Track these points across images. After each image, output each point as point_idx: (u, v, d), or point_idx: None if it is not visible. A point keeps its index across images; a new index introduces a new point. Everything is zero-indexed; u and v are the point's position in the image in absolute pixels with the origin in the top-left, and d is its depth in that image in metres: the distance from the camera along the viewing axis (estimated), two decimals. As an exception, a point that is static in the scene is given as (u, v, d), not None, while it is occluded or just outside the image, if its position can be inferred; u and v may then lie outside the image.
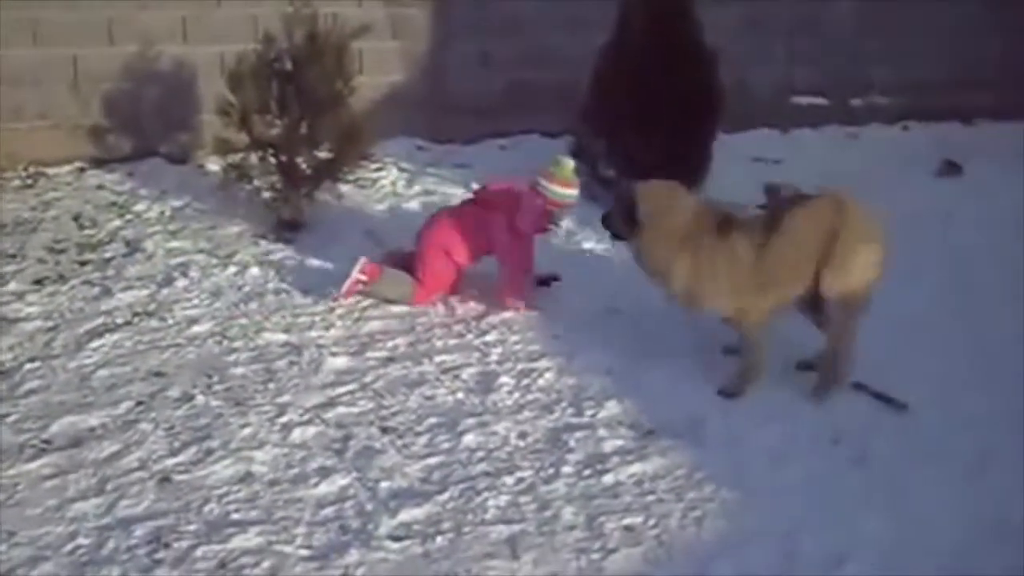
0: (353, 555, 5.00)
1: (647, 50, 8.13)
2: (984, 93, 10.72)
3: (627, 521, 5.32)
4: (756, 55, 9.95)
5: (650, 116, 8.10)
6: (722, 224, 6.30)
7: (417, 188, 8.75)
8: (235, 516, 5.21)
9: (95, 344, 6.56)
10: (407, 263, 7.16)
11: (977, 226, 8.57)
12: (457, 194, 8.55)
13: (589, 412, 6.13)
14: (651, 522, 5.32)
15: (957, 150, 9.99)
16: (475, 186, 7.61)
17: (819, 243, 6.16)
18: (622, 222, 6.43)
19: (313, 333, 6.77)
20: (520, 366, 6.54)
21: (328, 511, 5.27)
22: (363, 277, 7.02)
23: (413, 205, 8.51)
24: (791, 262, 6.21)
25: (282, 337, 6.72)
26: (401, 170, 8.95)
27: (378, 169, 8.78)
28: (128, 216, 8.18)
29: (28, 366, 6.32)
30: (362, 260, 7.06)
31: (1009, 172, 9.48)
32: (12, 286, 7.12)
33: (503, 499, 5.41)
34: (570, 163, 7.14)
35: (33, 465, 5.48)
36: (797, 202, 6.39)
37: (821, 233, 6.16)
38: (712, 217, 6.35)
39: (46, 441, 5.68)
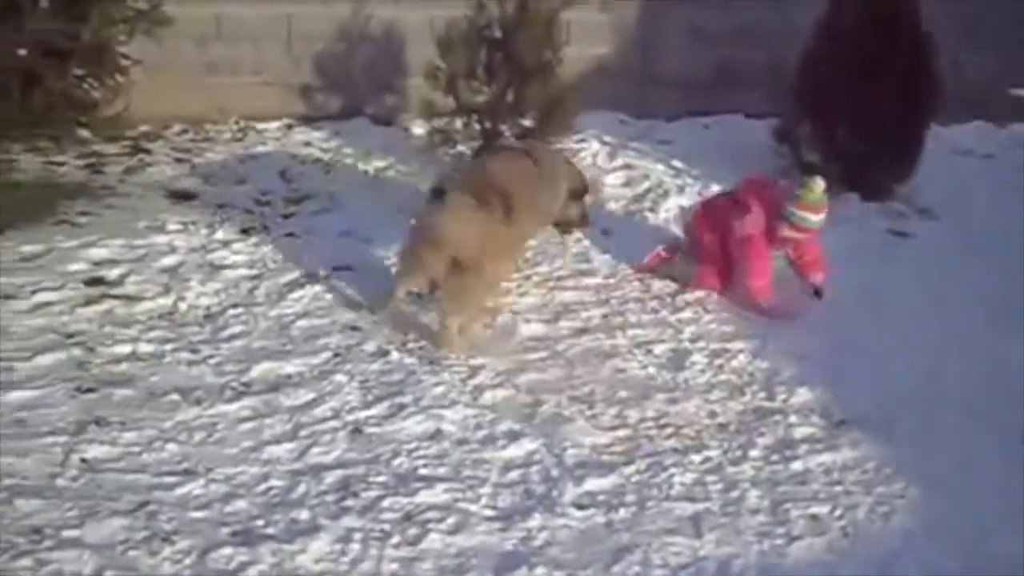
0: (536, 519, 5.03)
1: (861, 30, 7.93)
2: None
3: (813, 510, 5.25)
4: (973, 44, 9.60)
5: (859, 102, 7.90)
6: None
7: (619, 162, 8.70)
8: (423, 471, 5.29)
9: (296, 295, 6.71)
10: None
11: None
12: (658, 170, 8.52)
13: (781, 397, 6.06)
14: (837, 512, 5.25)
15: None
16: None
17: None
18: None
19: (508, 299, 6.81)
20: (713, 345, 6.49)
21: (514, 474, 5.32)
22: (664, 255, 7.12)
23: (613, 178, 8.47)
24: None
25: (477, 300, 6.78)
26: (603, 143, 8.91)
27: (580, 140, 8.76)
28: (332, 173, 8.34)
29: (231, 312, 6.50)
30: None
31: None
32: (220, 234, 7.32)
33: (689, 476, 5.39)
34: (820, 185, 6.77)
35: (232, 407, 5.65)
36: None
37: None
38: None
39: (245, 384, 5.85)
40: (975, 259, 7.61)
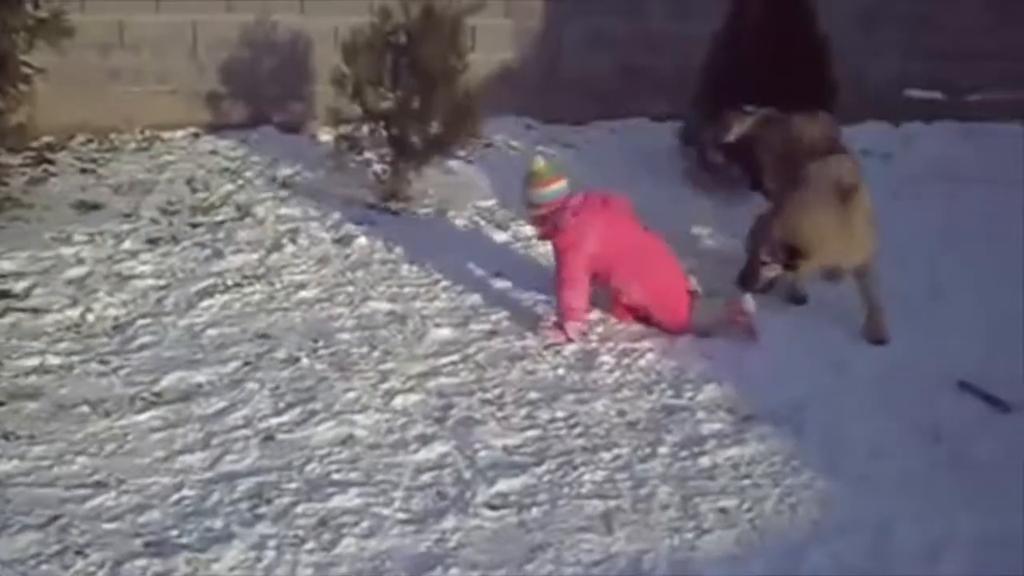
0: (450, 521, 5.07)
1: (760, 37, 8.07)
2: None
3: (722, 504, 5.33)
4: (871, 46, 9.81)
5: (761, 103, 8.02)
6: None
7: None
8: (336, 477, 5.31)
9: (205, 304, 6.71)
10: None
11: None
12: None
13: (688, 394, 6.15)
14: (746, 506, 5.33)
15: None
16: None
17: None
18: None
19: (418, 304, 6.86)
20: (621, 345, 6.57)
21: (426, 477, 5.36)
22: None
23: (519, 183, 8.51)
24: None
25: (387, 306, 6.81)
26: (511, 147, 8.99)
27: (487, 146, 8.82)
28: (240, 181, 8.31)
29: (140, 322, 6.49)
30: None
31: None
32: (127, 244, 7.29)
33: (599, 474, 5.46)
34: (538, 161, 6.92)
35: (143, 417, 5.64)
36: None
37: None
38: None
39: (156, 394, 5.84)
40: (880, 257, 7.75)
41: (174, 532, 4.90)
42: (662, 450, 5.67)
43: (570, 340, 6.56)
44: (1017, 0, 10.22)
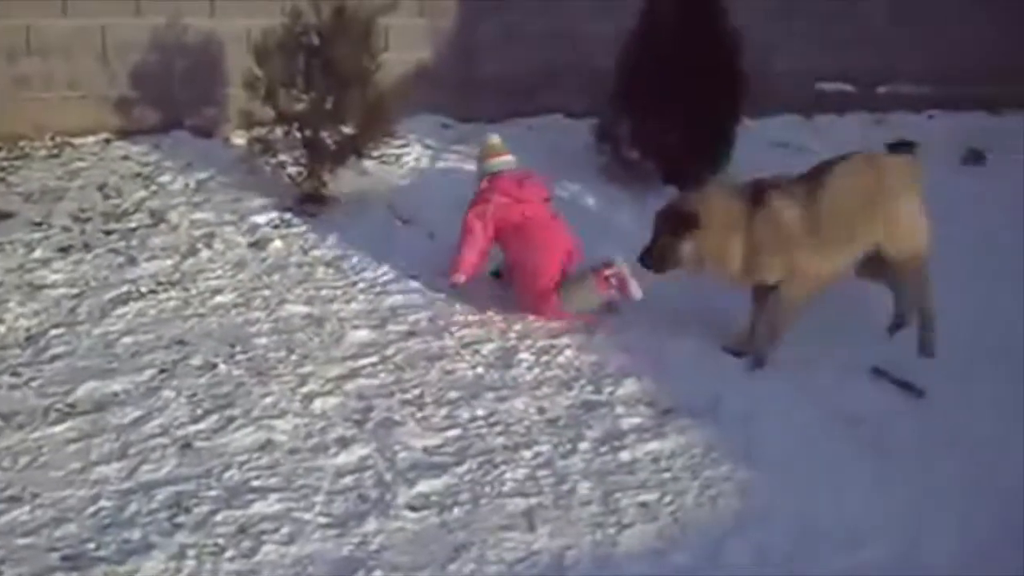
0: (371, 524, 5.06)
1: (673, 33, 8.14)
2: (1010, 83, 10.65)
3: (642, 497, 5.37)
4: (784, 41, 9.91)
5: (673, 100, 8.10)
6: (757, 195, 6.46)
7: (441, 165, 8.77)
8: (255, 483, 5.27)
9: (119, 312, 6.62)
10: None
11: (1000, 214, 8.55)
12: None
13: (608, 390, 6.18)
14: (666, 499, 5.37)
15: (982, 139, 9.95)
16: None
17: (863, 199, 6.45)
18: (671, 236, 6.52)
19: (335, 306, 6.83)
20: (540, 342, 6.59)
21: (347, 480, 5.34)
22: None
23: (436, 182, 8.54)
24: (840, 220, 6.41)
25: (304, 309, 6.78)
26: (425, 147, 8.97)
27: (402, 146, 8.80)
28: (153, 187, 8.21)
29: (53, 332, 6.39)
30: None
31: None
32: (38, 253, 7.18)
33: (520, 472, 5.47)
34: (492, 137, 7.32)
35: (57, 429, 5.56)
36: (832, 163, 6.64)
37: (862, 189, 6.47)
38: (746, 194, 6.52)
39: (70, 405, 5.76)
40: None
41: (91, 545, 4.84)
42: (582, 446, 5.69)
43: (453, 285, 6.90)
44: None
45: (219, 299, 6.83)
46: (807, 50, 10.12)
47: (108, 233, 7.54)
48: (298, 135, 7.89)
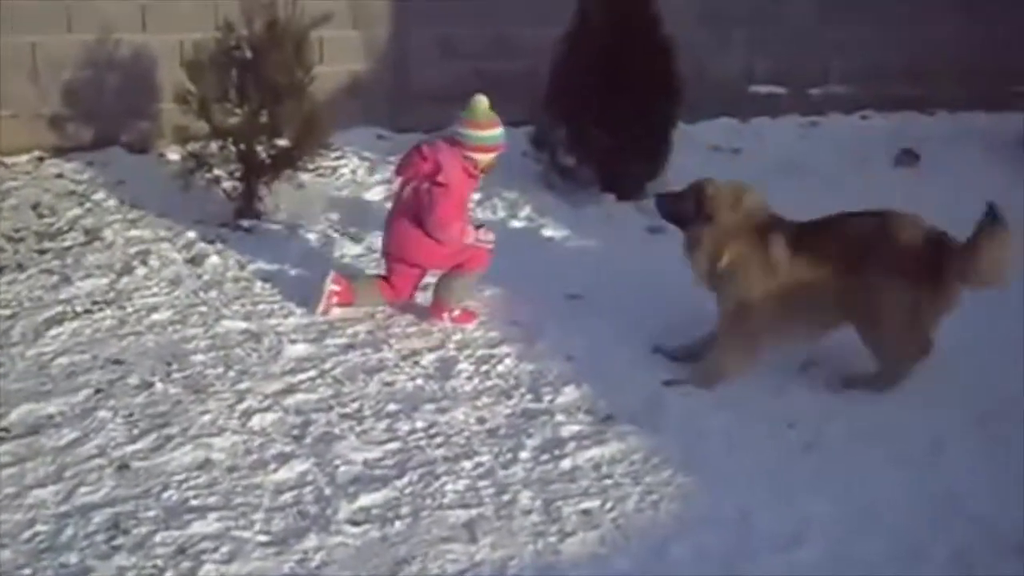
0: (312, 540, 5.02)
1: (605, 39, 8.18)
2: (942, 83, 10.79)
3: (584, 505, 5.36)
4: (716, 44, 10.01)
5: (608, 105, 8.14)
6: (769, 228, 6.40)
7: (377, 177, 8.76)
8: (194, 502, 5.22)
9: (54, 332, 6.55)
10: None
11: (933, 215, 8.62)
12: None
13: (547, 398, 6.18)
14: (608, 506, 5.36)
15: (915, 140, 10.06)
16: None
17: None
18: (689, 210, 6.45)
19: (272, 320, 6.79)
20: (479, 352, 6.58)
21: (287, 496, 5.29)
22: (335, 288, 6.87)
23: (374, 194, 8.53)
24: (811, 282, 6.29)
25: (241, 325, 6.73)
26: (362, 159, 8.96)
27: (339, 158, 8.79)
28: (87, 205, 8.15)
29: (-14, 354, 6.33)
30: (331, 274, 6.92)
31: (966, 162, 9.57)
32: (-30, 275, 7.11)
33: (461, 484, 5.45)
34: (483, 101, 6.83)
35: (-9, 453, 5.49)
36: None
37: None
38: (767, 220, 6.46)
39: (4, 429, 5.67)
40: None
41: (27, 571, 4.76)
42: (523, 455, 5.68)
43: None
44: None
45: (155, 317, 6.77)
46: (740, 54, 10.21)
47: (42, 252, 7.48)
48: (233, 149, 7.85)
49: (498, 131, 6.87)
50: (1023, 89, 10.81)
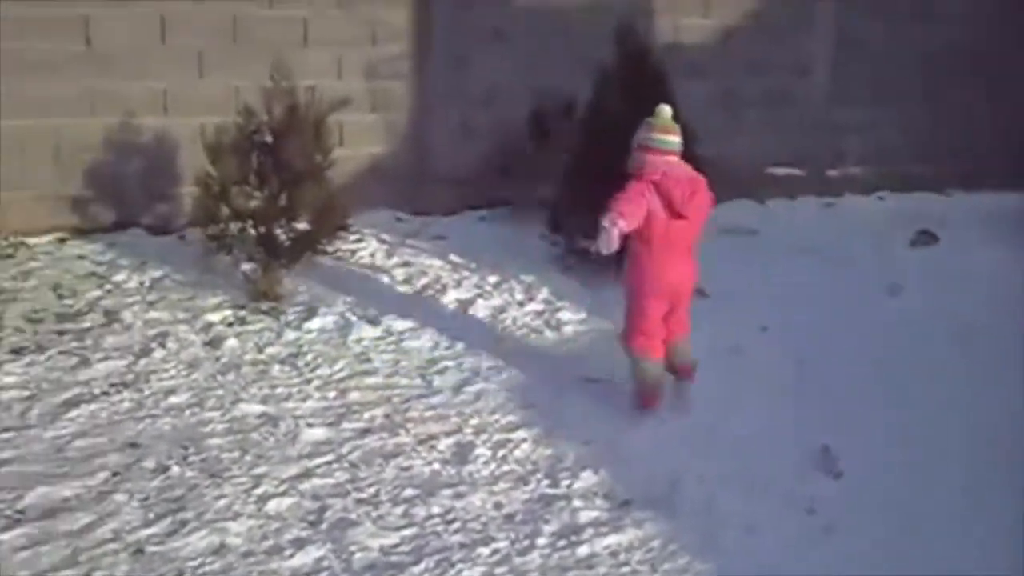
0: (327, 627, 5.00)
1: (621, 122, 8.21)
2: (958, 163, 10.84)
3: (601, 592, 5.33)
4: (731, 127, 10.07)
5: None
6: None
7: (396, 259, 8.80)
8: (208, 588, 5.20)
9: (72, 414, 6.55)
10: None
11: (952, 296, 8.64)
12: (435, 265, 8.65)
13: (565, 483, 6.15)
14: (625, 593, 5.33)
15: (932, 220, 10.09)
16: None
17: None
18: None
19: (290, 404, 6.79)
20: (496, 437, 6.56)
21: (302, 583, 5.28)
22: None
23: (392, 276, 8.56)
24: None
25: (259, 408, 6.73)
26: (380, 241, 9.01)
27: (357, 240, 8.83)
28: (108, 286, 8.18)
29: (3, 436, 6.29)
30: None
31: (983, 241, 9.59)
32: (-10, 355, 7.15)
33: (478, 570, 5.41)
34: (667, 109, 6.90)
35: (6, 536, 5.45)
36: None
37: None
38: None
39: (20, 512, 5.66)
40: (747, 330, 7.89)
41: (41, 657, 4.76)
42: (540, 541, 5.65)
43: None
44: (872, 76, 10.58)
45: (173, 399, 6.77)
46: (756, 136, 10.27)
47: (61, 334, 7.50)
48: (252, 232, 7.91)
49: (678, 139, 6.90)
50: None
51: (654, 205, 6.69)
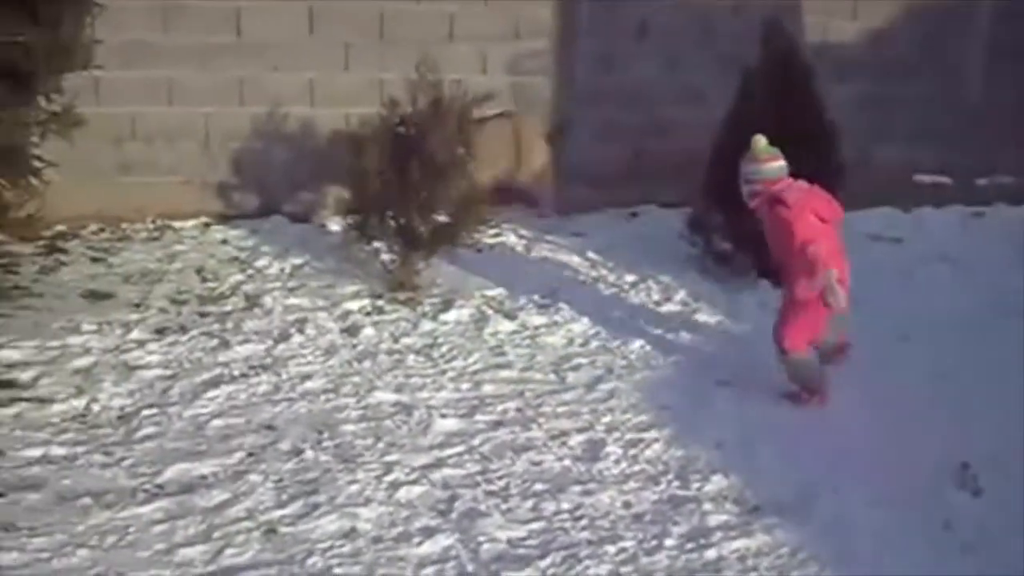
0: (453, 615, 5.02)
1: (767, 124, 8.10)
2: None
3: (728, 597, 5.26)
4: (878, 132, 9.86)
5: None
6: None
7: (534, 255, 8.82)
8: (337, 571, 5.26)
9: (211, 394, 6.70)
10: None
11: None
12: (573, 262, 8.63)
13: (695, 485, 6.09)
14: (753, 599, 5.26)
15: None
16: None
17: None
18: None
19: (424, 394, 6.84)
20: (628, 435, 6.52)
21: (429, 571, 5.30)
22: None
23: (529, 271, 8.56)
24: None
25: (393, 397, 6.80)
26: (519, 236, 9.02)
27: (496, 235, 8.87)
28: (249, 271, 8.36)
29: (145, 412, 6.48)
30: None
31: None
32: (135, 334, 7.32)
33: (604, 568, 5.39)
34: (762, 139, 6.98)
35: (145, 509, 5.61)
36: None
37: None
38: None
39: (159, 486, 5.81)
40: (887, 340, 7.73)
41: (171, 629, 4.86)
42: (668, 543, 5.60)
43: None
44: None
45: (309, 384, 6.88)
46: (905, 141, 10.04)
47: (203, 316, 7.67)
48: (392, 223, 7.98)
49: (781, 163, 6.99)
50: None
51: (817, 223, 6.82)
